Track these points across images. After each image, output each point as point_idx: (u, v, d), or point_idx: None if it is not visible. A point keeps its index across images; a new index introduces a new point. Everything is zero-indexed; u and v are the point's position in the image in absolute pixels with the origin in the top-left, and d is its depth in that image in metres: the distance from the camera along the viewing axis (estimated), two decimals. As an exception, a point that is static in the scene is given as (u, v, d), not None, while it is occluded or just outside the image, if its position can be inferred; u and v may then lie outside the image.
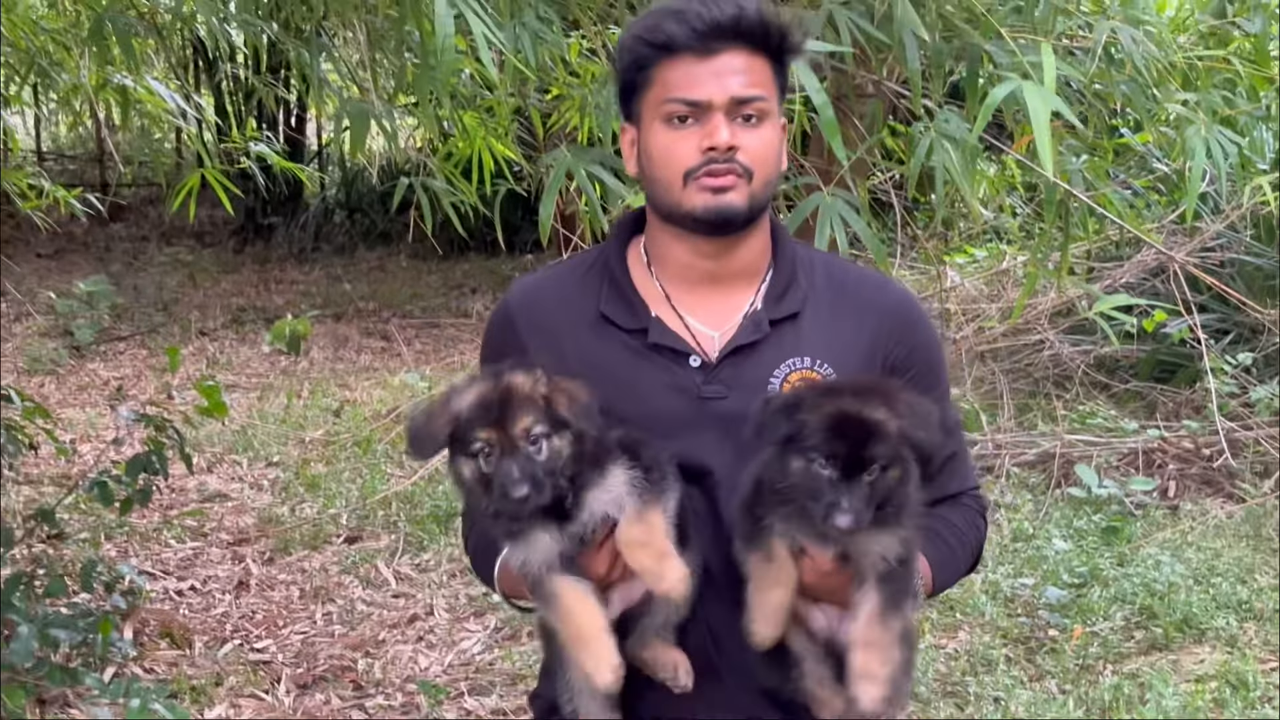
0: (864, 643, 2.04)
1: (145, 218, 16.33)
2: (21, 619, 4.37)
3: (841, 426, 1.97)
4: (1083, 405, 7.93)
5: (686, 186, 2.15)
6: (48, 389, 9.41)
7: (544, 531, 2.06)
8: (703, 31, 2.11)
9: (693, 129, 2.14)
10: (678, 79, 2.14)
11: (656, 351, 2.23)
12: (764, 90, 2.16)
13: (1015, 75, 3.16)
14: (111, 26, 3.91)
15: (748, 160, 2.14)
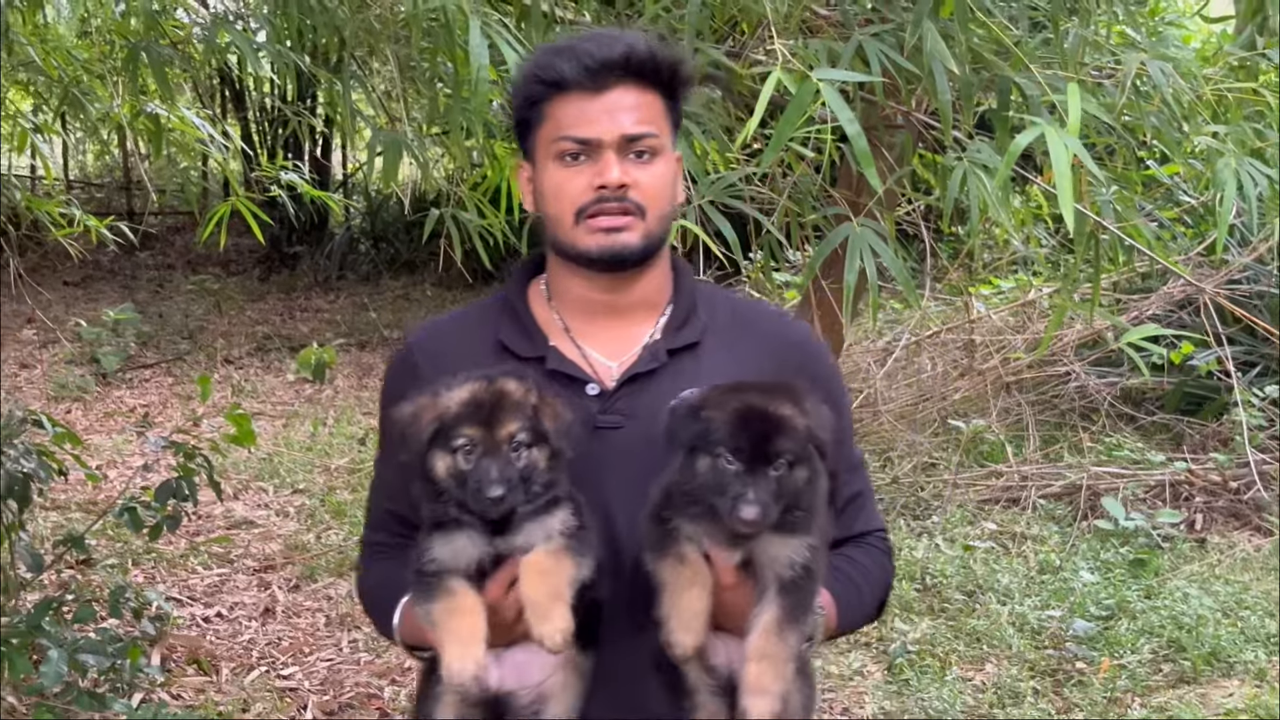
0: (758, 655, 2.00)
1: (171, 246, 16.42)
2: (52, 643, 4.38)
3: (746, 420, 1.97)
4: (1109, 437, 7.91)
5: (579, 225, 2.15)
6: (74, 415, 9.45)
7: (475, 534, 2.06)
8: (593, 69, 2.11)
9: (585, 166, 2.13)
10: (569, 116, 2.13)
11: (554, 379, 2.21)
12: (655, 127, 2.16)
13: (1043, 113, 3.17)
14: (146, 56, 3.95)
15: (640, 197, 2.14)
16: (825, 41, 3.50)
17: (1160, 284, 8.08)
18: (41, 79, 5.61)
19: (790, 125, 2.75)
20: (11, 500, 4.75)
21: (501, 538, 2.06)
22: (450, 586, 2.05)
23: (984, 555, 6.59)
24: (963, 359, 8.37)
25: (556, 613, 1.99)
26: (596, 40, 2.15)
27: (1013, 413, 8.12)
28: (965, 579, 6.31)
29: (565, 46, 2.16)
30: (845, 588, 2.27)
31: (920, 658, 5.53)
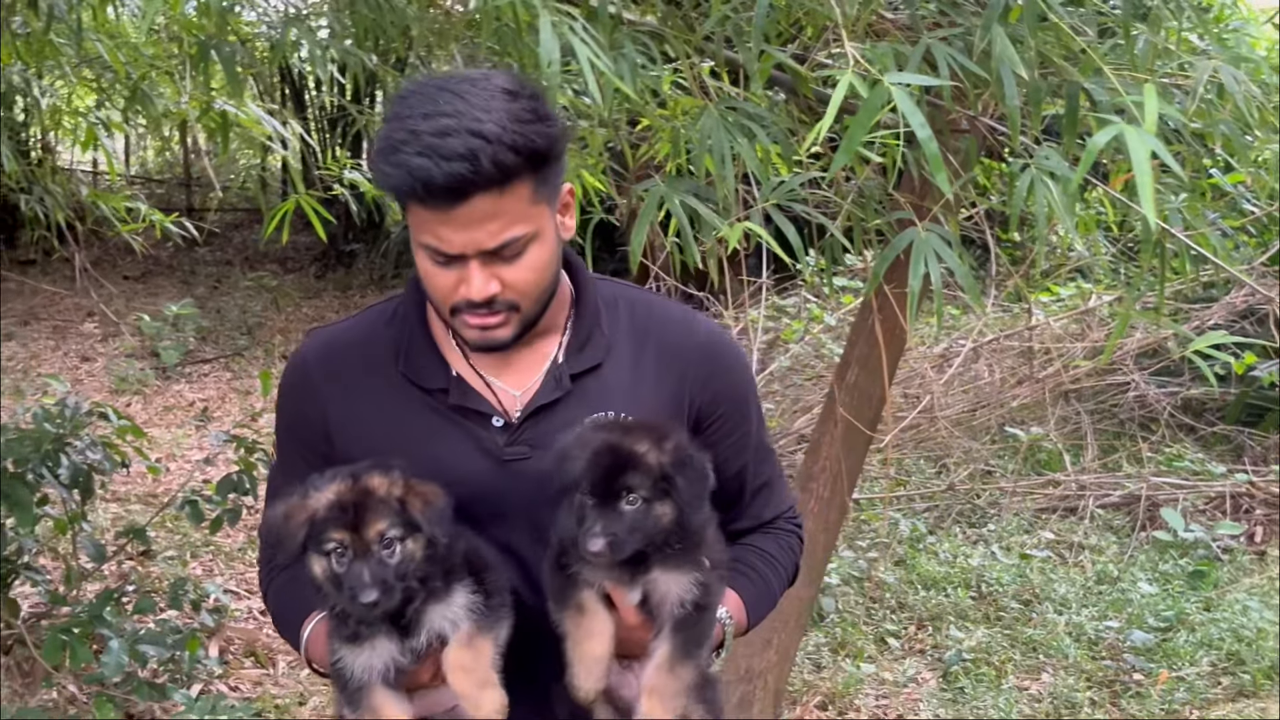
0: (649, 689, 2.07)
1: (230, 242, 16.55)
2: (112, 634, 4.43)
3: (599, 457, 2.00)
4: (1169, 448, 7.84)
5: (454, 317, 2.10)
6: (134, 409, 9.54)
7: (387, 640, 2.04)
8: (436, 194, 1.94)
9: (452, 269, 2.03)
10: (428, 225, 2.01)
11: (458, 413, 2.17)
12: (520, 226, 2.01)
13: (1114, 115, 3.13)
14: (216, 53, 3.98)
15: (511, 296, 2.06)
16: (892, 44, 3.48)
17: (1223, 293, 8.00)
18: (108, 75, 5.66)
19: (862, 129, 2.72)
20: (75, 491, 4.81)
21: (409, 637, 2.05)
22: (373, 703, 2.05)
23: (1041, 564, 6.55)
24: (1020, 366, 8.31)
25: (489, 696, 2.03)
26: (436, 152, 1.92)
27: (1071, 421, 8.06)
28: (1022, 587, 6.27)
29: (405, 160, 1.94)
30: (752, 584, 2.30)
31: (975, 666, 5.50)
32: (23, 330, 11.99)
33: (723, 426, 2.27)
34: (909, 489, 7.57)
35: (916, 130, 2.79)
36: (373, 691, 2.05)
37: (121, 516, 6.94)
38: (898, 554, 6.66)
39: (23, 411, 5.04)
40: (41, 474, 4.61)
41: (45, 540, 5.69)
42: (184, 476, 7.50)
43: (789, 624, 4.53)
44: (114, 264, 14.25)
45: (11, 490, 4.50)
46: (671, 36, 4.00)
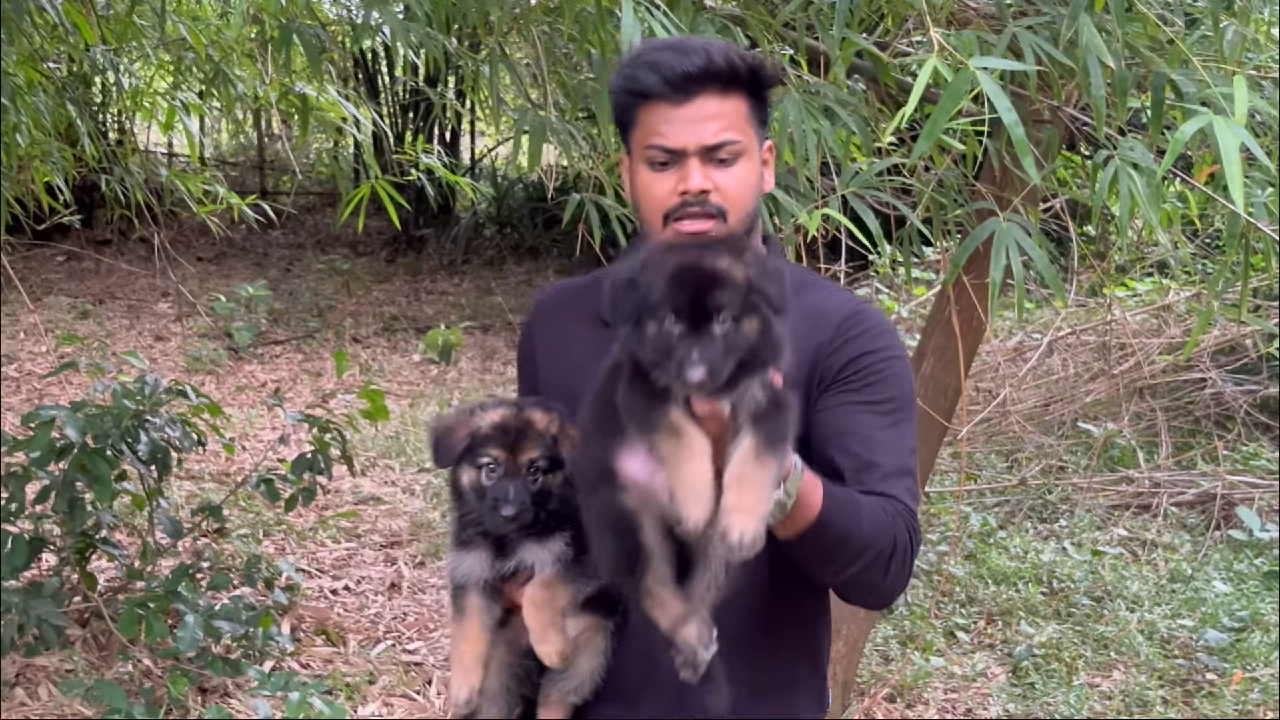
0: (737, 479, 1.91)
1: (302, 225, 16.70)
2: (188, 609, 4.49)
3: (683, 278, 1.91)
4: (1245, 446, 7.72)
5: (665, 227, 2.21)
6: (207, 388, 9.64)
7: (484, 554, 2.28)
8: (674, 81, 2.19)
9: (670, 172, 2.21)
10: (655, 125, 2.22)
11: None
12: (736, 132, 2.22)
13: (1201, 107, 3.09)
14: (298, 37, 4.00)
15: (722, 200, 2.20)
16: (977, 32, 3.45)
17: (1303, 290, 7.87)
18: (187, 56, 5.72)
19: (946, 114, 2.71)
20: (153, 467, 4.88)
21: (502, 558, 2.27)
22: (463, 606, 2.29)
23: (1113, 561, 6.49)
24: (1095, 361, 8.22)
25: (551, 638, 2.22)
26: (678, 51, 2.22)
27: (1145, 418, 7.97)
28: (1094, 584, 6.21)
29: (649, 59, 2.24)
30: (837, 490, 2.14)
31: (1045, 661, 5.46)
32: (98, 309, 12.17)
33: (842, 389, 2.26)
34: (980, 483, 7.51)
35: (1002, 114, 2.76)
36: (467, 594, 2.28)
37: (195, 494, 7.02)
38: (968, 548, 6.61)
39: (102, 389, 5.11)
40: (121, 450, 4.67)
41: (122, 515, 5.77)
42: (257, 455, 7.59)
43: (858, 615, 4.51)
44: (188, 245, 14.40)
45: (91, 465, 4.56)
46: (753, 21, 3.99)
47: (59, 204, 5.84)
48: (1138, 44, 3.66)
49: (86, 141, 5.42)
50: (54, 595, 4.63)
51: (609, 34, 3.67)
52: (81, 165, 6.03)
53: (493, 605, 2.28)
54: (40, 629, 4.51)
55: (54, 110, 5.46)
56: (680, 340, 1.88)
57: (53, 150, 5.59)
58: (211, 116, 14.71)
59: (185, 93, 6.13)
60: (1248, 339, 7.77)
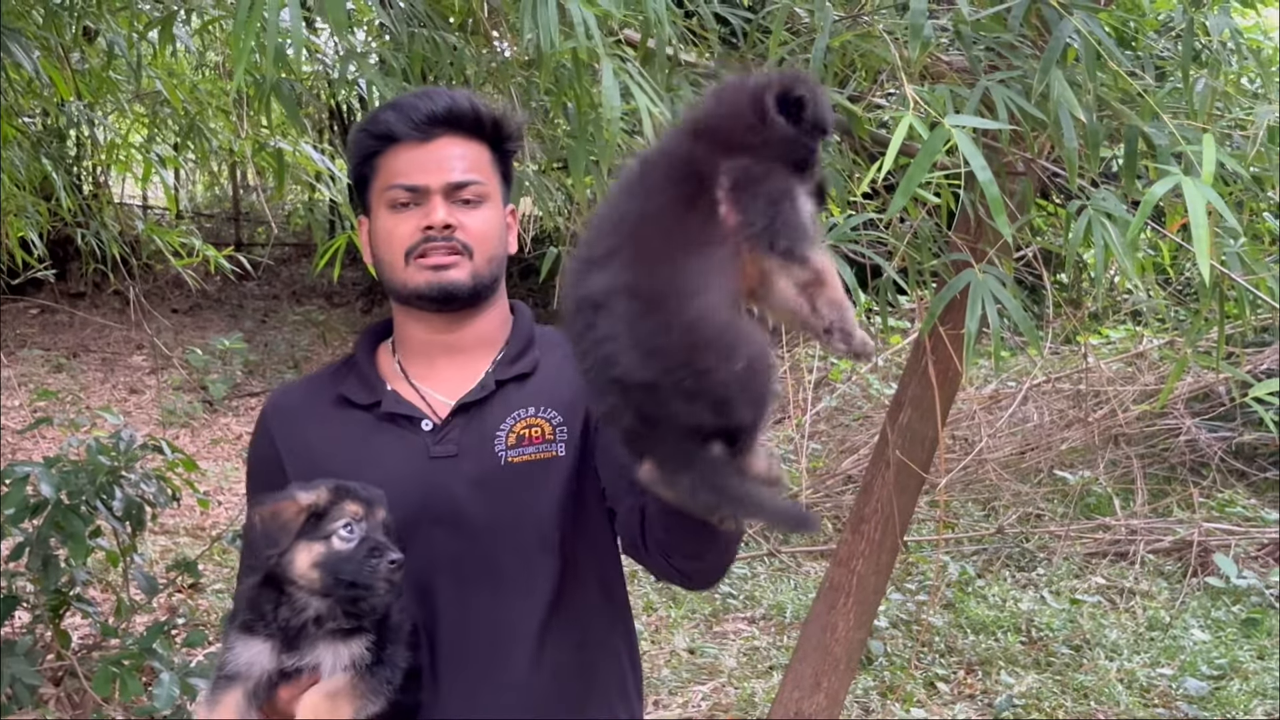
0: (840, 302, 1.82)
1: (277, 277, 16.66)
2: (163, 666, 4.45)
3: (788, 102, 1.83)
4: (1220, 493, 7.75)
5: (409, 265, 2.22)
6: (182, 441, 9.60)
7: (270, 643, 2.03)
8: (418, 121, 2.21)
9: (413, 212, 2.22)
10: (399, 166, 2.23)
11: (391, 421, 2.26)
12: (480, 175, 2.25)
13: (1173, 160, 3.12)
14: (276, 93, 4.01)
15: (466, 238, 2.22)
16: (949, 86, 3.48)
17: (1276, 338, 7.92)
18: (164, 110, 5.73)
19: (921, 170, 2.73)
20: (127, 523, 4.84)
21: (291, 652, 2.03)
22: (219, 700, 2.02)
23: (1091, 609, 6.49)
24: (1070, 409, 8.25)
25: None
26: (423, 96, 2.26)
27: (1120, 465, 7.99)
28: (1072, 633, 6.21)
29: (393, 103, 2.28)
30: None
31: (1026, 711, 5.44)
32: (72, 362, 12.11)
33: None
34: (957, 531, 7.52)
35: (977, 172, 2.78)
36: (232, 688, 2.02)
37: (170, 549, 6.97)
38: (946, 597, 6.61)
39: (76, 444, 5.08)
40: (95, 506, 4.64)
41: (96, 572, 5.72)
42: (231, 509, 7.54)
43: (839, 667, 4.50)
44: (163, 297, 14.36)
45: (66, 522, 4.53)
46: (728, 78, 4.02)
47: (33, 258, 5.82)
48: (1109, 97, 3.70)
49: (63, 195, 5.41)
50: (27, 653, 4.59)
51: (584, 88, 3.69)
52: (56, 219, 6.02)
53: (253, 708, 2.02)
54: (13, 688, 4.46)
55: (29, 164, 5.45)
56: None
57: (27, 205, 5.58)
58: (186, 169, 14.73)
59: (161, 145, 6.14)
60: (1221, 386, 7.82)
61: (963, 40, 3.61)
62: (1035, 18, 3.59)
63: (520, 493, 2.21)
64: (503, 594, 2.19)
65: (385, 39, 4.45)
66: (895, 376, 8.65)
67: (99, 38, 5.50)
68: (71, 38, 5.22)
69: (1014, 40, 3.64)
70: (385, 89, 3.93)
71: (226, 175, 17.36)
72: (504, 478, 2.20)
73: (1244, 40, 4.11)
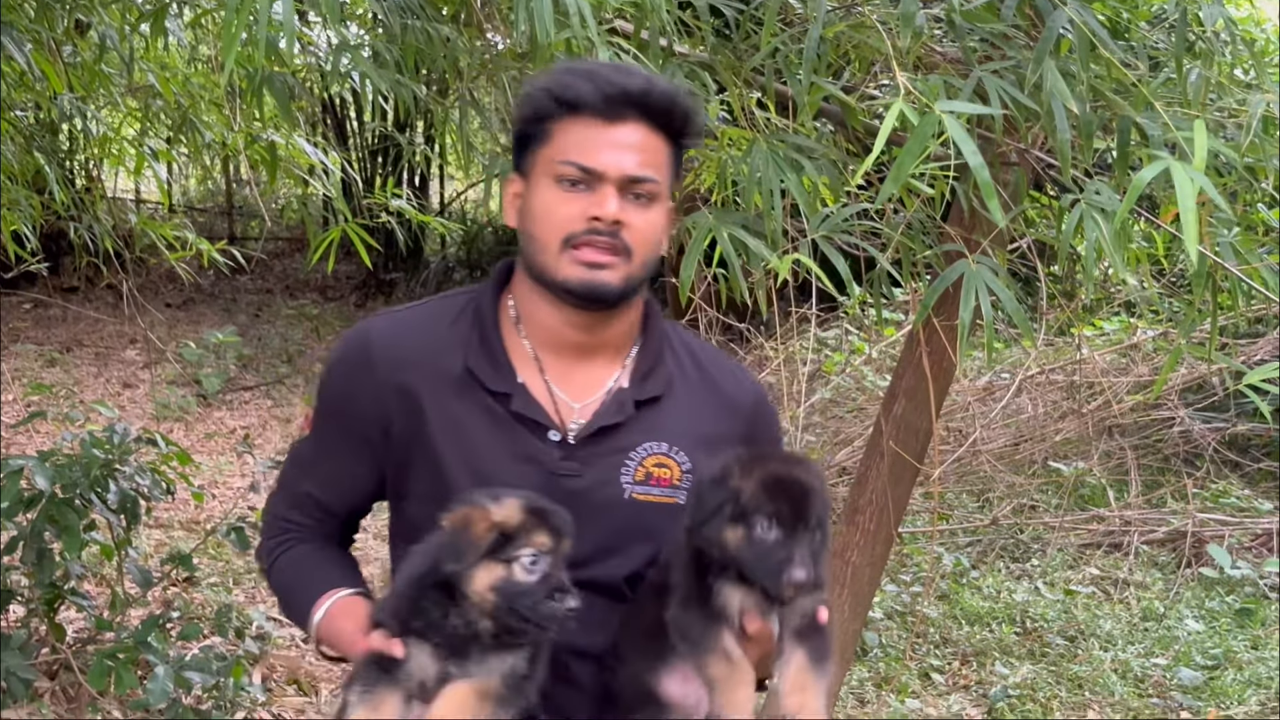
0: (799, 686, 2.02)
1: (271, 271, 16.66)
2: (158, 660, 4.44)
3: (782, 487, 1.99)
4: (1214, 483, 7.76)
5: (563, 252, 2.08)
6: (176, 435, 9.58)
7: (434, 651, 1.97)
8: (611, 96, 2.06)
9: (581, 195, 2.07)
10: (576, 141, 2.07)
11: (517, 420, 2.15)
12: (658, 173, 2.10)
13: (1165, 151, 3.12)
14: (268, 87, 4.00)
15: (630, 239, 2.08)
16: (943, 76, 3.48)
17: (1269, 329, 7.94)
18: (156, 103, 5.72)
19: (912, 157, 2.71)
20: (122, 517, 4.83)
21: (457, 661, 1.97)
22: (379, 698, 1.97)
23: (1086, 600, 6.50)
24: (1064, 400, 8.26)
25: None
26: (618, 70, 2.12)
27: (1114, 456, 8.00)
28: (1067, 623, 6.22)
29: (585, 70, 2.11)
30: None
31: (1021, 702, 5.45)
32: (65, 356, 12.09)
33: None
34: (952, 523, 7.53)
35: (969, 158, 2.77)
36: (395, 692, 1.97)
37: (164, 543, 6.96)
38: (941, 588, 6.61)
39: (70, 438, 5.07)
40: (90, 499, 4.63)
41: (91, 566, 5.72)
42: (226, 503, 7.54)
43: (834, 658, 4.50)
44: (156, 292, 14.33)
45: (60, 515, 4.52)
46: (721, 68, 4.01)
47: (26, 252, 5.80)
48: (1102, 87, 3.70)
49: (55, 189, 5.39)
50: (22, 647, 4.58)
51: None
52: (49, 213, 6.01)
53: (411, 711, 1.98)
54: (8, 682, 4.46)
55: (21, 158, 5.44)
56: (778, 545, 1.97)
57: (20, 198, 5.56)
58: (179, 163, 14.71)
59: (153, 139, 6.12)
60: (1214, 377, 7.83)
61: (955, 30, 3.61)
62: (1028, 8, 3.59)
63: (635, 531, 2.18)
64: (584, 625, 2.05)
65: (378, 31, 4.44)
66: (889, 368, 8.65)
67: (91, 31, 5.49)
68: (64, 31, 5.21)
69: (1007, 30, 3.64)
70: (378, 81, 3.92)
71: (219, 169, 17.34)
72: (625, 512, 2.16)
73: (1238, 30, 4.11)
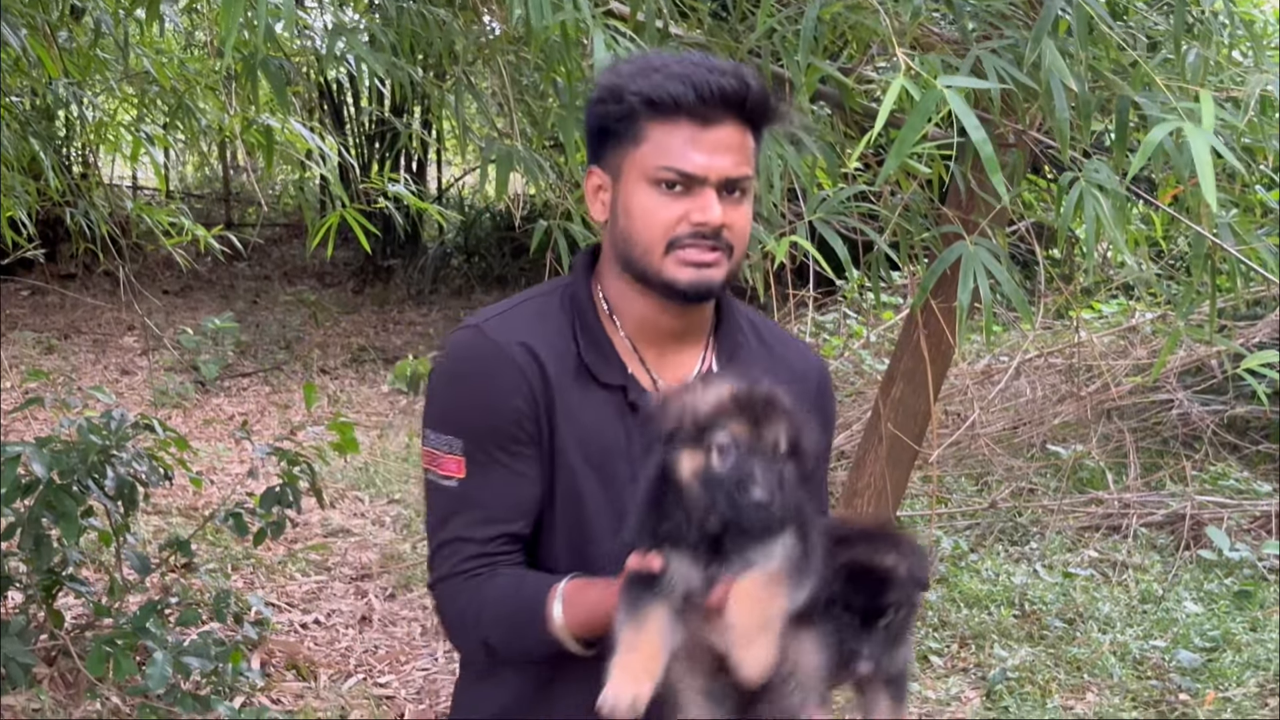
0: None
1: (268, 257, 16.65)
2: (157, 645, 4.44)
3: (859, 577, 1.96)
4: (1213, 466, 7.76)
5: (668, 255, 2.09)
6: (174, 422, 9.56)
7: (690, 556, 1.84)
8: (709, 100, 2.05)
9: (681, 197, 2.07)
10: (674, 145, 2.07)
11: (634, 411, 2.16)
12: (750, 169, 2.12)
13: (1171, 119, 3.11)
14: (263, 70, 3.99)
15: (732, 237, 2.10)
16: (941, 55, 3.46)
17: (1269, 310, 7.93)
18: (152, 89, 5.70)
19: (914, 133, 2.71)
20: (119, 503, 4.83)
21: (719, 563, 1.85)
22: (645, 614, 1.84)
23: (1084, 583, 6.50)
24: (1062, 383, 8.26)
25: (761, 642, 1.80)
26: (709, 69, 2.08)
27: (1113, 439, 7.99)
28: (1065, 606, 6.22)
29: (676, 71, 2.07)
30: None
31: (1019, 684, 5.45)
32: (63, 343, 12.09)
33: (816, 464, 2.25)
34: (950, 506, 7.53)
35: (971, 133, 2.76)
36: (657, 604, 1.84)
37: (162, 529, 6.97)
38: (939, 571, 6.61)
39: (68, 424, 5.06)
40: (88, 486, 4.63)
41: (89, 552, 5.71)
42: (224, 489, 7.54)
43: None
44: (154, 278, 14.31)
45: (58, 501, 4.51)
46: (718, 48, 4.00)
47: (23, 239, 5.79)
48: (1101, 67, 3.69)
49: (51, 175, 5.38)
50: (20, 633, 4.58)
51: (574, 63, 3.67)
52: (45, 199, 5.99)
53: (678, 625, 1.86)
54: (7, 668, 4.45)
55: (18, 144, 5.43)
56: (849, 632, 1.95)
57: (16, 185, 5.55)
58: (176, 149, 14.69)
59: (149, 125, 6.11)
60: (1213, 359, 7.83)
61: (953, 9, 3.60)
62: (1026, -13, 3.59)
63: None
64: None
65: (374, 16, 4.43)
66: (888, 352, 8.64)
67: (86, 16, 5.48)
68: (59, 16, 5.19)
69: (1005, 9, 3.63)
70: (375, 65, 3.91)
71: (216, 155, 17.32)
72: None
73: (1236, 9, 4.10)
